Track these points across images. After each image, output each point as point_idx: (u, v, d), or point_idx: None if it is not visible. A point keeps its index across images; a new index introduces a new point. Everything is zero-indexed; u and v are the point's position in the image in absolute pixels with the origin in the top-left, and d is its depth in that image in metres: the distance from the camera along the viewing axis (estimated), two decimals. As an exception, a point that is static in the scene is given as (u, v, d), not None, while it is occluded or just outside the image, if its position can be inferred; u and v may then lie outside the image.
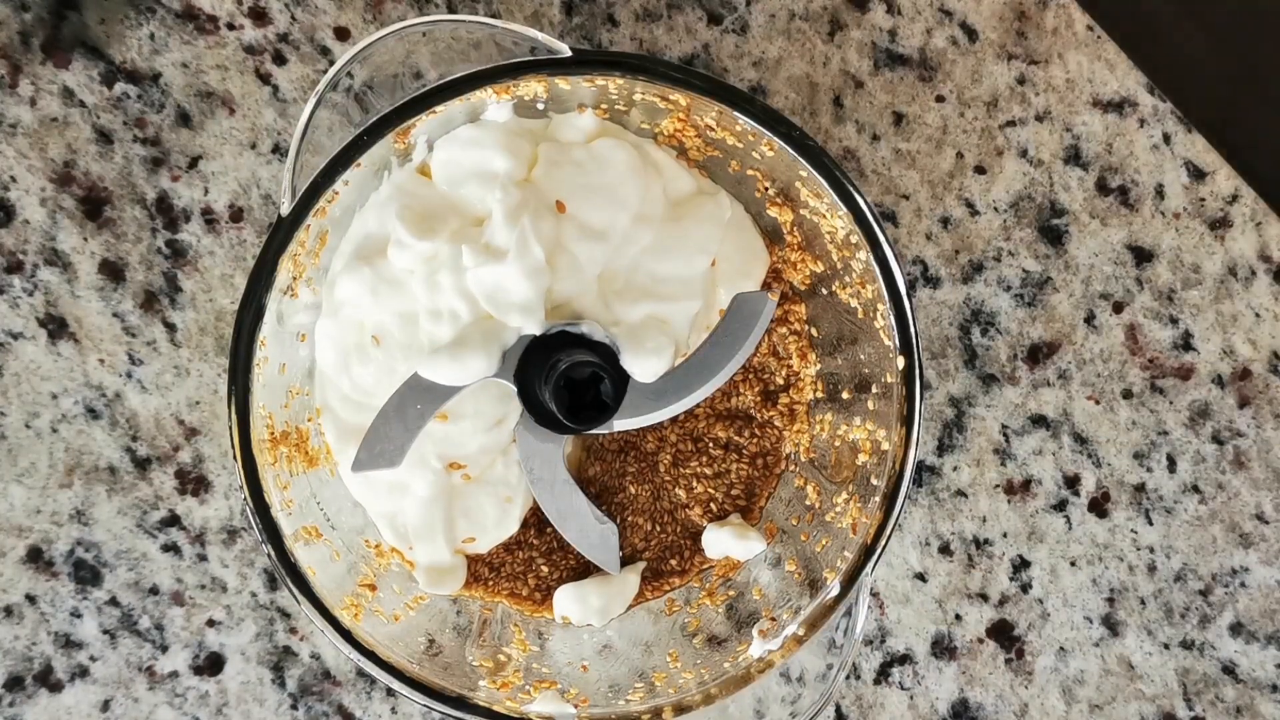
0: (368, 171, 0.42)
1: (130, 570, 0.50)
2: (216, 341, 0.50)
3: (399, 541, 0.47)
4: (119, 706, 0.50)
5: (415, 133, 0.42)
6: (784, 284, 0.47)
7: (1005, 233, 0.52)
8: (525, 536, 0.48)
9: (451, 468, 0.45)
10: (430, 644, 0.45)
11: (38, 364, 0.49)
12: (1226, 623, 0.53)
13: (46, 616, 0.50)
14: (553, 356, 0.42)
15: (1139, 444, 0.53)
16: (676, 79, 0.41)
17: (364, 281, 0.43)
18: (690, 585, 0.49)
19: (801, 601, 0.44)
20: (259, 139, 0.49)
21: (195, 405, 0.50)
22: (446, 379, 0.43)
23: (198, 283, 0.49)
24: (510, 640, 0.47)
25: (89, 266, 0.49)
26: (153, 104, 0.49)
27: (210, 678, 0.50)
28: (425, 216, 0.43)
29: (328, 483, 0.46)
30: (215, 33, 0.49)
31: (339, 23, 0.49)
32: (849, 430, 0.46)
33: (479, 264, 0.42)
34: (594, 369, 0.42)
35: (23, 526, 0.50)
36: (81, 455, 0.50)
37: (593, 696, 0.45)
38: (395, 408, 0.43)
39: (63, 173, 0.49)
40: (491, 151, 0.43)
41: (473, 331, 0.43)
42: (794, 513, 0.48)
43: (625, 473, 0.48)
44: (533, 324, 0.43)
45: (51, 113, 0.49)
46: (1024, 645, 0.53)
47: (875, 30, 0.51)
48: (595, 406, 0.43)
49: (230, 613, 0.50)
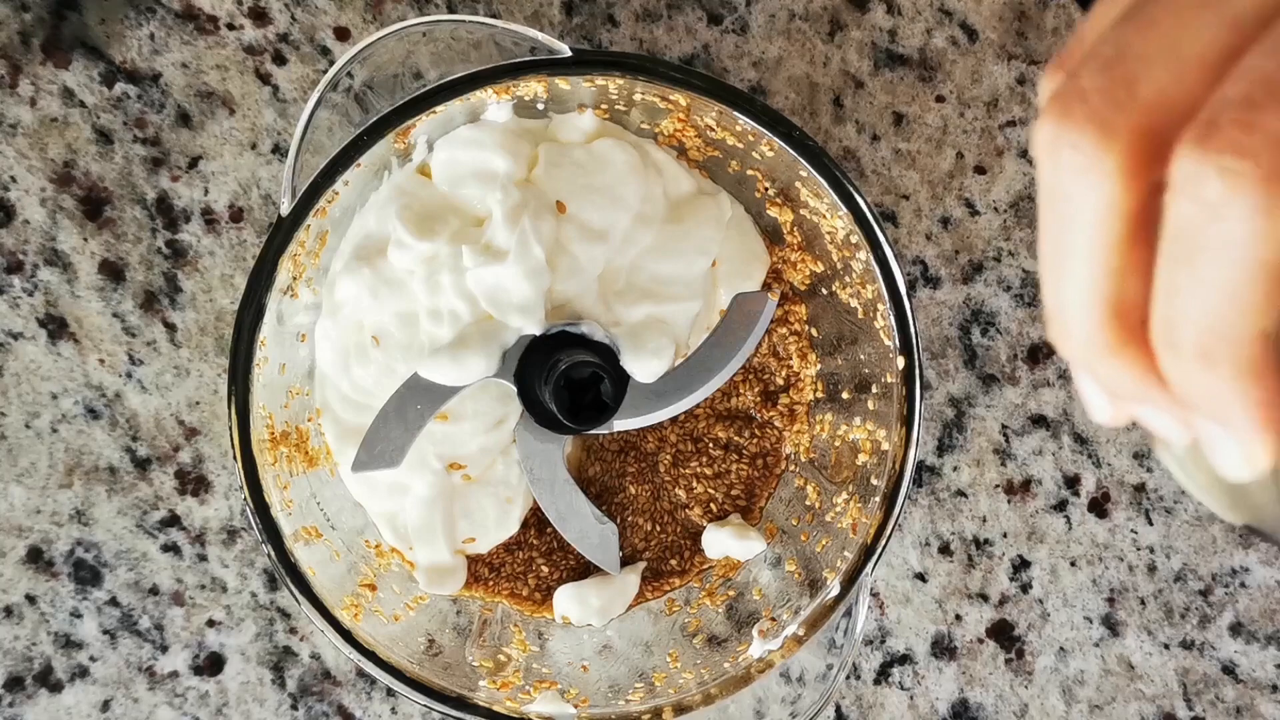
0: (368, 171, 0.42)
1: (130, 570, 0.50)
2: (216, 341, 0.50)
3: (399, 542, 0.47)
4: (119, 706, 0.50)
5: (415, 133, 0.42)
6: (784, 284, 0.47)
7: (1005, 233, 0.52)
8: (525, 536, 0.48)
9: (452, 468, 0.45)
10: (430, 644, 0.45)
11: (38, 364, 0.49)
12: (1226, 623, 0.53)
13: (46, 616, 0.50)
14: (553, 357, 0.42)
15: (1139, 444, 0.53)
16: (676, 79, 0.41)
17: (364, 282, 0.43)
18: (690, 585, 0.49)
19: (801, 601, 0.44)
20: (259, 139, 0.49)
21: (195, 405, 0.50)
22: (446, 379, 0.43)
23: (198, 283, 0.49)
24: (510, 640, 0.47)
25: (89, 266, 0.49)
26: (153, 104, 0.49)
27: (210, 678, 0.50)
28: (425, 217, 0.43)
29: (328, 483, 0.46)
30: (215, 33, 0.49)
31: (339, 23, 0.49)
32: (849, 430, 0.46)
33: (479, 264, 0.42)
34: (594, 369, 0.42)
35: (23, 526, 0.50)
36: (81, 455, 0.50)
37: (593, 696, 0.45)
38: (395, 408, 0.43)
39: (63, 173, 0.49)
40: (491, 152, 0.43)
41: (473, 332, 0.43)
42: (794, 513, 0.48)
43: (625, 473, 0.48)
44: (533, 324, 0.43)
45: (51, 113, 0.49)
46: (1024, 645, 0.53)
47: (875, 30, 0.51)
48: (595, 406, 0.43)
49: (230, 613, 0.50)
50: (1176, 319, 0.21)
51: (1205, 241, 0.20)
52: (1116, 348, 0.22)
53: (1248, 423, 0.21)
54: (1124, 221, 0.21)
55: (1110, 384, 0.23)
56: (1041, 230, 0.23)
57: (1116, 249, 0.21)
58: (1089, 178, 0.21)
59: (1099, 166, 0.21)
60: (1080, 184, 0.21)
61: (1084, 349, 0.23)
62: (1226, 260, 0.20)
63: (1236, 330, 0.20)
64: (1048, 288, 0.23)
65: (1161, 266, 0.21)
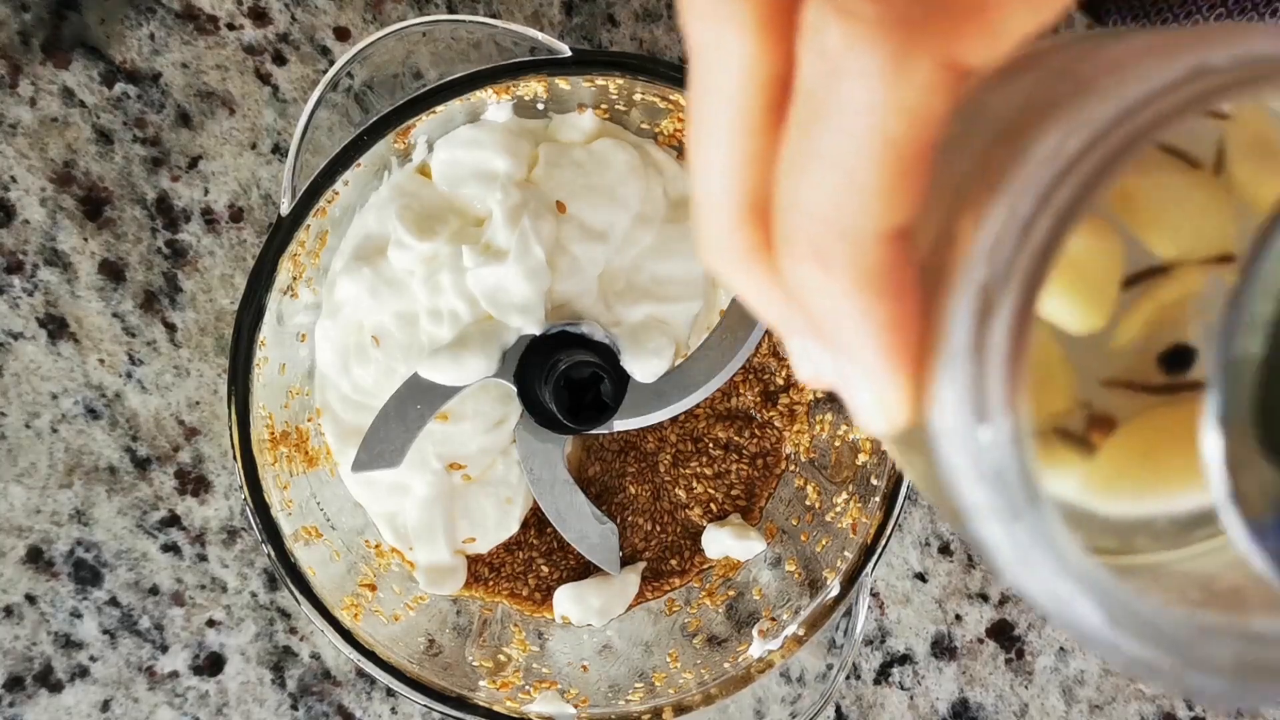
0: (368, 171, 0.42)
1: (130, 570, 0.50)
2: (216, 341, 0.50)
3: (399, 542, 0.47)
4: (119, 706, 0.50)
5: (415, 133, 0.42)
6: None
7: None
8: (525, 536, 0.48)
9: (452, 468, 0.45)
10: (430, 644, 0.45)
11: (38, 364, 0.49)
12: (1226, 623, 0.53)
13: (46, 616, 0.50)
14: (553, 357, 0.42)
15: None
16: (676, 79, 0.41)
17: (364, 282, 0.43)
18: (690, 585, 0.49)
19: (801, 601, 0.44)
20: (259, 139, 0.49)
21: (195, 405, 0.50)
22: (446, 379, 0.43)
23: (198, 283, 0.49)
24: (510, 640, 0.47)
25: (89, 266, 0.49)
26: (153, 104, 0.49)
27: (210, 678, 0.50)
28: (425, 217, 0.43)
29: (328, 483, 0.46)
30: (215, 33, 0.49)
31: (339, 23, 0.49)
32: (849, 430, 0.46)
33: (479, 264, 0.42)
34: (594, 369, 0.42)
35: (23, 526, 0.50)
36: (81, 455, 0.50)
37: (593, 696, 0.45)
38: (395, 408, 0.43)
39: (63, 173, 0.49)
40: (491, 152, 0.43)
41: (473, 332, 0.43)
42: (794, 513, 0.48)
43: (625, 473, 0.48)
44: (533, 324, 0.43)
45: (51, 113, 0.49)
46: (1024, 645, 0.53)
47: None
48: (595, 406, 0.43)
49: (230, 613, 0.50)
50: (791, 207, 0.16)
51: (825, 107, 0.16)
52: (751, 253, 0.18)
53: (872, 352, 0.17)
54: (764, 90, 0.17)
55: (757, 305, 0.18)
56: (687, 110, 0.18)
57: (757, 127, 0.17)
58: (725, 32, 0.16)
59: (735, 16, 0.16)
60: (715, 42, 0.17)
61: (718, 256, 0.18)
62: (846, 132, 0.15)
63: (856, 225, 0.16)
64: (693, 183, 0.18)
65: (785, 138, 0.16)
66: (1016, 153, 0.16)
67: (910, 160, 0.15)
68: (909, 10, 0.15)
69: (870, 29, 0.15)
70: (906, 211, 0.16)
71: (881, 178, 0.15)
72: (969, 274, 0.16)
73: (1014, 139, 0.16)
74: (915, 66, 0.15)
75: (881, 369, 0.17)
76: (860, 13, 0.15)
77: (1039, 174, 0.15)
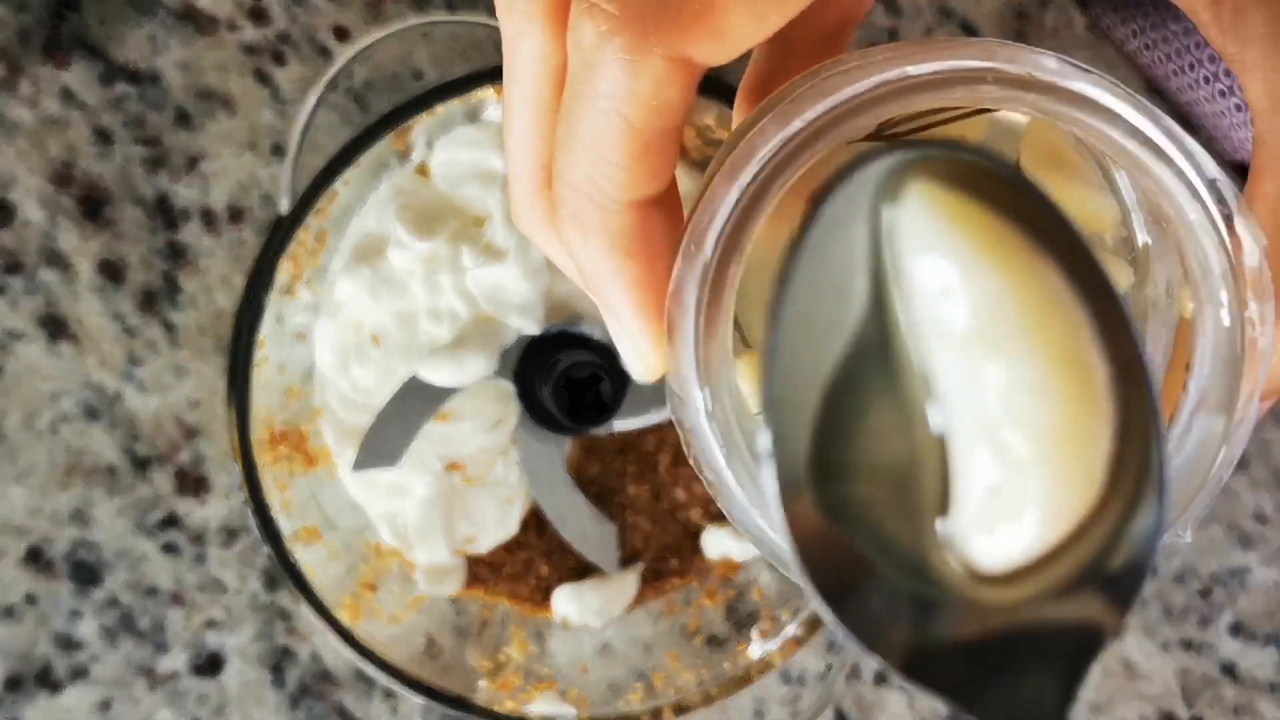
0: (367, 171, 0.42)
1: (130, 570, 0.50)
2: (216, 341, 0.50)
3: (399, 542, 0.47)
4: (119, 707, 0.50)
5: (415, 133, 0.42)
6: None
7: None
8: (525, 537, 0.48)
9: (451, 468, 0.45)
10: (430, 644, 0.45)
11: (37, 364, 0.49)
12: (1226, 623, 0.53)
13: (46, 617, 0.50)
14: (552, 356, 0.42)
15: (1139, 444, 0.53)
16: (676, 79, 0.41)
17: (363, 282, 0.43)
18: (690, 585, 0.49)
19: (801, 602, 0.44)
20: (259, 139, 0.49)
21: (195, 405, 0.50)
22: (446, 379, 0.43)
23: (197, 283, 0.49)
24: (510, 640, 0.47)
25: (89, 266, 0.49)
26: (153, 104, 0.49)
27: (210, 678, 0.50)
28: (425, 216, 0.43)
29: (328, 483, 0.46)
30: (215, 33, 0.49)
31: (339, 23, 0.49)
32: (849, 430, 0.46)
33: (479, 264, 0.42)
34: (594, 369, 0.42)
35: (22, 527, 0.50)
36: (81, 455, 0.50)
37: (592, 697, 0.45)
38: (395, 408, 0.43)
39: (63, 173, 0.49)
40: (491, 151, 0.43)
41: (472, 332, 0.43)
42: (794, 513, 0.48)
43: (625, 473, 0.48)
44: (532, 324, 0.43)
45: (51, 113, 0.49)
46: (1024, 645, 0.53)
47: (875, 30, 0.51)
48: (595, 406, 0.43)
49: (230, 613, 0.50)
50: (558, 177, 0.19)
51: (580, 93, 0.18)
52: (545, 218, 0.21)
53: (624, 308, 0.19)
54: (551, 76, 0.20)
55: (560, 265, 0.21)
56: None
57: (545, 108, 0.20)
58: (520, 25, 0.19)
59: (528, 11, 0.19)
60: (516, 33, 0.20)
61: (522, 220, 0.21)
62: (595, 114, 0.18)
63: (604, 194, 0.19)
64: (504, 156, 0.21)
65: (558, 120, 0.19)
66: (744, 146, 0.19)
67: (650, 140, 0.18)
68: (643, 10, 0.17)
69: (612, 25, 0.17)
70: (650, 184, 0.19)
71: (623, 154, 0.18)
72: (683, 242, 0.18)
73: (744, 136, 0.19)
74: (649, 61, 0.18)
75: (632, 323, 0.19)
76: (607, 11, 0.17)
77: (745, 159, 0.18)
